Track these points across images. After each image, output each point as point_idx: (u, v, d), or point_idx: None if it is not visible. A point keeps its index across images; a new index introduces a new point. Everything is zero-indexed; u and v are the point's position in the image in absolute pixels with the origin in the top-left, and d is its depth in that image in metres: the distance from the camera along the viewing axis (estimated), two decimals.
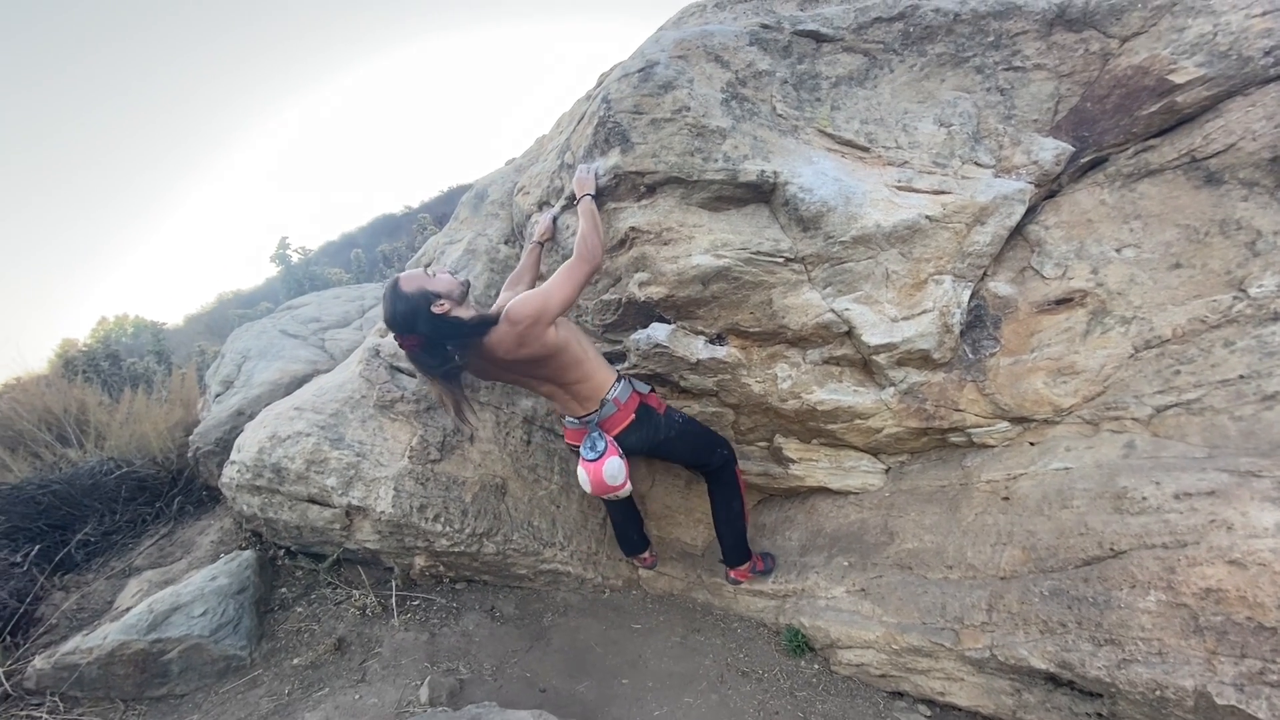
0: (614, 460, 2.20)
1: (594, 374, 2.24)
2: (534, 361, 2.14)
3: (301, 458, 2.59)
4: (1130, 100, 2.26)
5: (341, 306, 5.13)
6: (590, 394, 2.25)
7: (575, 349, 2.18)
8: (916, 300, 2.25)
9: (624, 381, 2.32)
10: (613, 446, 2.23)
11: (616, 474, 2.20)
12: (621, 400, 2.27)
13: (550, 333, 2.06)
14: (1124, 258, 2.26)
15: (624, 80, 2.24)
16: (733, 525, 2.60)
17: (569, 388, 2.25)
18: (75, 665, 2.28)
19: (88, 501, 3.30)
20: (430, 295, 1.98)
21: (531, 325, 2.01)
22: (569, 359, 2.17)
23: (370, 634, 2.53)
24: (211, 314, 11.65)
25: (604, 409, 2.25)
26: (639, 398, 2.34)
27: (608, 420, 2.27)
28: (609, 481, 2.20)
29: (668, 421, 2.37)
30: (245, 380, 3.87)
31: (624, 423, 2.27)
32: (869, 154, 2.32)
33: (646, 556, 2.92)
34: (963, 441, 2.43)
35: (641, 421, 2.30)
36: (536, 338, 2.04)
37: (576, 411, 2.30)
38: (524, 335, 2.02)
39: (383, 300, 2.05)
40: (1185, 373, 2.10)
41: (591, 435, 2.25)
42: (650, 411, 2.34)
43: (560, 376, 2.22)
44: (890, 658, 2.28)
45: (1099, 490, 2.00)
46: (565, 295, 2.05)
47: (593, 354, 2.28)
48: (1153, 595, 1.75)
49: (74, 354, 6.59)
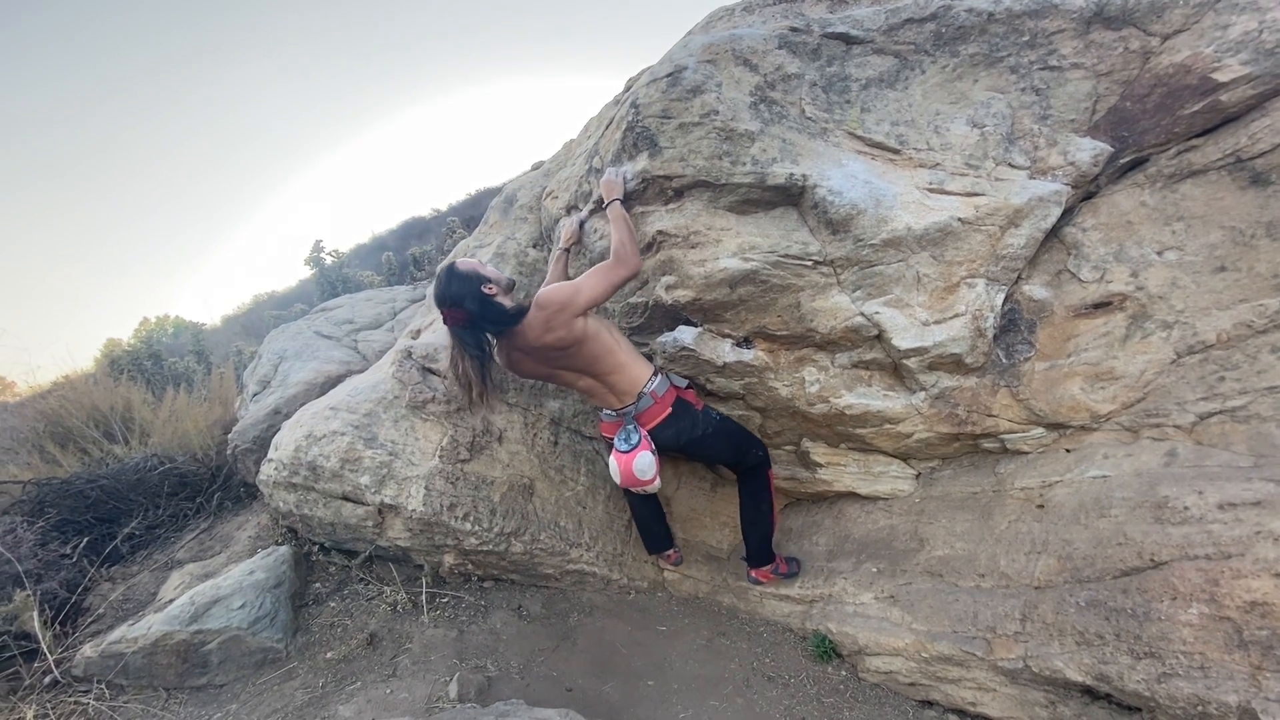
0: (645, 455, 2.25)
1: (629, 366, 2.29)
2: (562, 350, 2.20)
3: (336, 456, 2.66)
4: (1172, 99, 2.20)
5: (373, 308, 5.23)
6: (626, 387, 2.30)
7: (606, 339, 2.24)
8: (948, 304, 2.22)
9: (662, 376, 2.36)
10: (646, 441, 2.27)
11: (646, 469, 2.25)
12: (659, 394, 2.32)
13: (578, 322, 2.15)
14: (1166, 260, 2.20)
15: (652, 85, 2.25)
16: (759, 526, 2.59)
17: (604, 379, 2.30)
18: (121, 654, 2.36)
19: (133, 496, 3.43)
20: (482, 277, 2.19)
21: (558, 311, 2.12)
22: (599, 349, 2.22)
23: (401, 630, 2.58)
24: (248, 315, 11.97)
25: (640, 402, 2.30)
26: (676, 392, 2.38)
27: (644, 413, 2.31)
28: (639, 475, 2.25)
29: (705, 418, 2.39)
30: (281, 380, 3.98)
31: (660, 416, 2.31)
32: (900, 156, 2.29)
33: (671, 554, 2.92)
34: (996, 448, 2.39)
35: (678, 416, 2.33)
36: (563, 324, 2.14)
37: (613, 404, 2.35)
38: (550, 320, 2.13)
39: (436, 279, 2.23)
40: (1230, 379, 2.04)
41: (626, 428, 2.30)
42: (687, 406, 2.37)
43: (593, 367, 2.26)
44: (920, 666, 2.25)
45: (1139, 499, 1.95)
46: (596, 293, 2.14)
47: (627, 347, 2.32)
48: (1195, 608, 1.70)
49: (119, 353, 6.86)
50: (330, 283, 8.10)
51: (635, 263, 2.19)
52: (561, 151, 3.56)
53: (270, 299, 13.00)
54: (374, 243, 13.14)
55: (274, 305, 11.01)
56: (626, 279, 2.19)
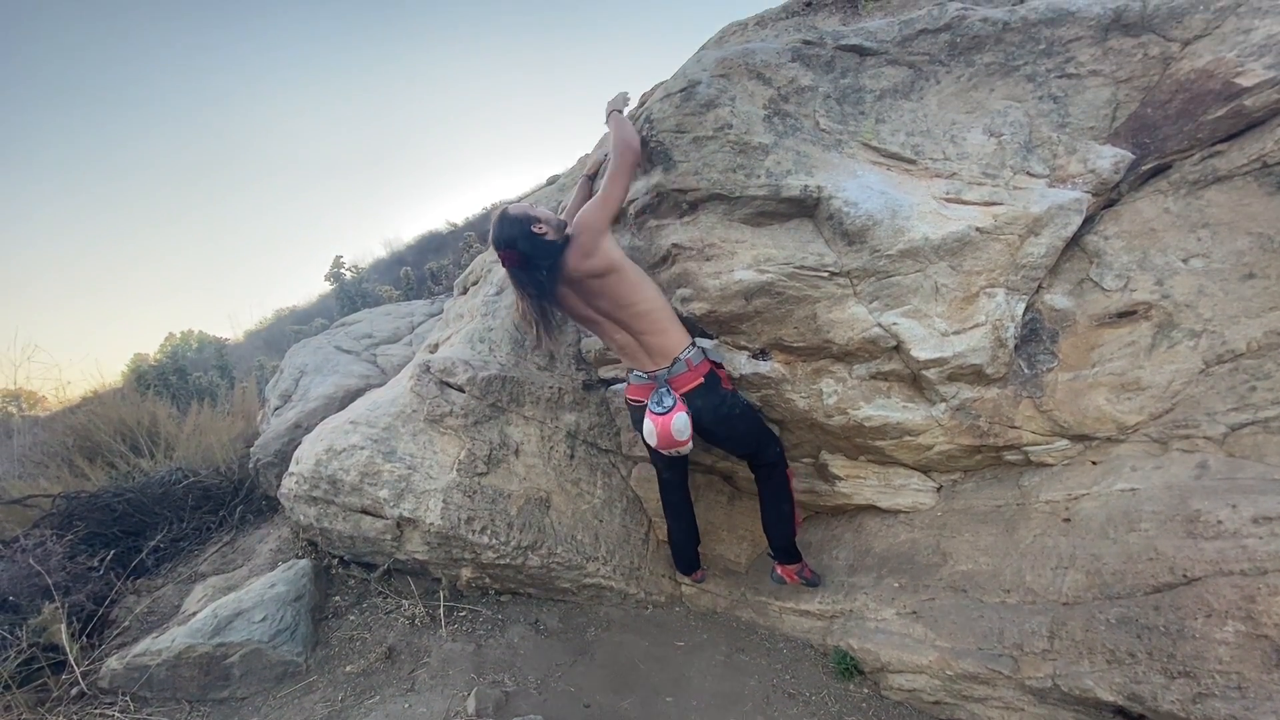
0: (681, 415, 2.24)
1: (668, 328, 2.30)
2: (597, 278, 2.24)
3: (356, 470, 2.69)
4: (1194, 105, 2.17)
5: (392, 323, 5.30)
6: (662, 349, 2.31)
7: (638, 281, 2.27)
8: (968, 314, 2.19)
9: (697, 347, 2.37)
10: (680, 403, 2.26)
11: (684, 429, 2.24)
12: (694, 362, 2.31)
13: (605, 243, 2.21)
14: (1191, 268, 2.16)
15: (666, 100, 2.27)
16: (782, 526, 2.57)
17: (640, 337, 2.32)
18: (145, 666, 2.39)
19: (158, 509, 3.49)
20: (531, 218, 2.24)
21: (584, 231, 2.20)
22: (629, 286, 2.25)
23: (419, 644, 2.58)
24: (270, 330, 12.19)
25: (675, 366, 2.30)
26: (710, 364, 2.37)
27: (677, 378, 2.31)
28: (676, 436, 2.24)
29: (733, 398, 2.40)
30: (302, 394, 4.04)
31: (692, 383, 2.30)
32: (915, 166, 2.28)
33: (698, 574, 2.95)
34: (1019, 460, 2.34)
35: (708, 389, 2.32)
36: (592, 245, 2.20)
37: (646, 365, 2.35)
38: (582, 245, 2.20)
39: (492, 226, 2.29)
40: (1262, 389, 1.98)
41: (660, 390, 2.29)
42: (718, 381, 2.37)
43: (629, 316, 2.29)
44: (944, 684, 2.20)
45: (1169, 513, 1.90)
46: (610, 199, 2.23)
47: (666, 308, 2.33)
48: (1230, 625, 1.65)
49: (145, 369, 7.00)
50: (350, 298, 8.22)
51: (634, 145, 2.27)
52: (576, 166, 3.60)
53: (291, 314, 13.22)
54: (392, 258, 13.32)
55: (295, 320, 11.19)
56: (633, 163, 2.28)
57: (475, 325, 3.20)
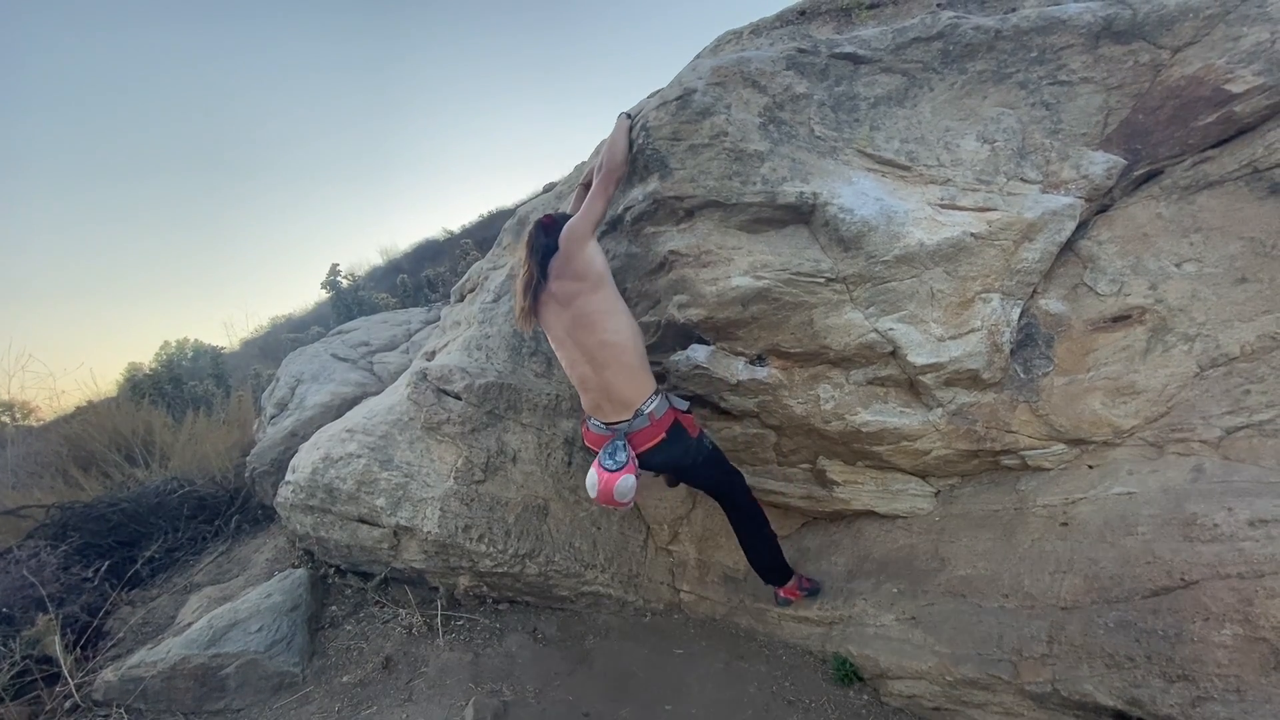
0: (629, 479, 2.11)
1: (634, 372, 2.19)
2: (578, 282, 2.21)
3: (353, 479, 2.68)
4: (1185, 111, 2.19)
5: (389, 330, 5.30)
6: (623, 398, 2.19)
7: (616, 307, 2.22)
8: (964, 319, 2.20)
9: (662, 396, 2.26)
10: (632, 464, 2.15)
11: (626, 492, 2.11)
12: (656, 415, 2.20)
13: (590, 248, 2.21)
14: (1185, 273, 2.18)
15: (662, 109, 2.28)
16: (763, 545, 2.52)
17: (603, 373, 2.19)
18: (140, 678, 2.38)
19: (153, 519, 3.47)
20: None
21: (568, 239, 2.24)
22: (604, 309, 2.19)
23: (416, 653, 2.57)
24: (265, 337, 12.14)
25: (635, 421, 2.19)
26: (674, 415, 2.27)
27: (637, 434, 2.19)
28: (617, 497, 2.12)
29: (698, 446, 2.30)
30: (298, 403, 4.03)
31: (652, 441, 2.20)
32: (910, 172, 2.30)
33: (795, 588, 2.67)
34: (1016, 464, 2.35)
35: (670, 443, 2.22)
36: (577, 251, 2.21)
37: (607, 415, 2.23)
38: (565, 251, 2.24)
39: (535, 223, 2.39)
40: (1256, 392, 1.99)
41: (615, 443, 2.18)
42: (681, 433, 2.26)
43: (597, 352, 2.18)
44: (944, 690, 2.20)
45: (1166, 516, 1.90)
46: (592, 207, 2.26)
47: (636, 349, 2.22)
48: (1228, 628, 1.65)
49: (140, 377, 6.97)
50: (346, 305, 8.20)
51: (620, 163, 2.33)
52: (573, 174, 3.60)
53: (288, 322, 13.18)
54: (389, 265, 13.31)
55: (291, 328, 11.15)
56: (615, 177, 2.33)
57: (472, 332, 3.20)
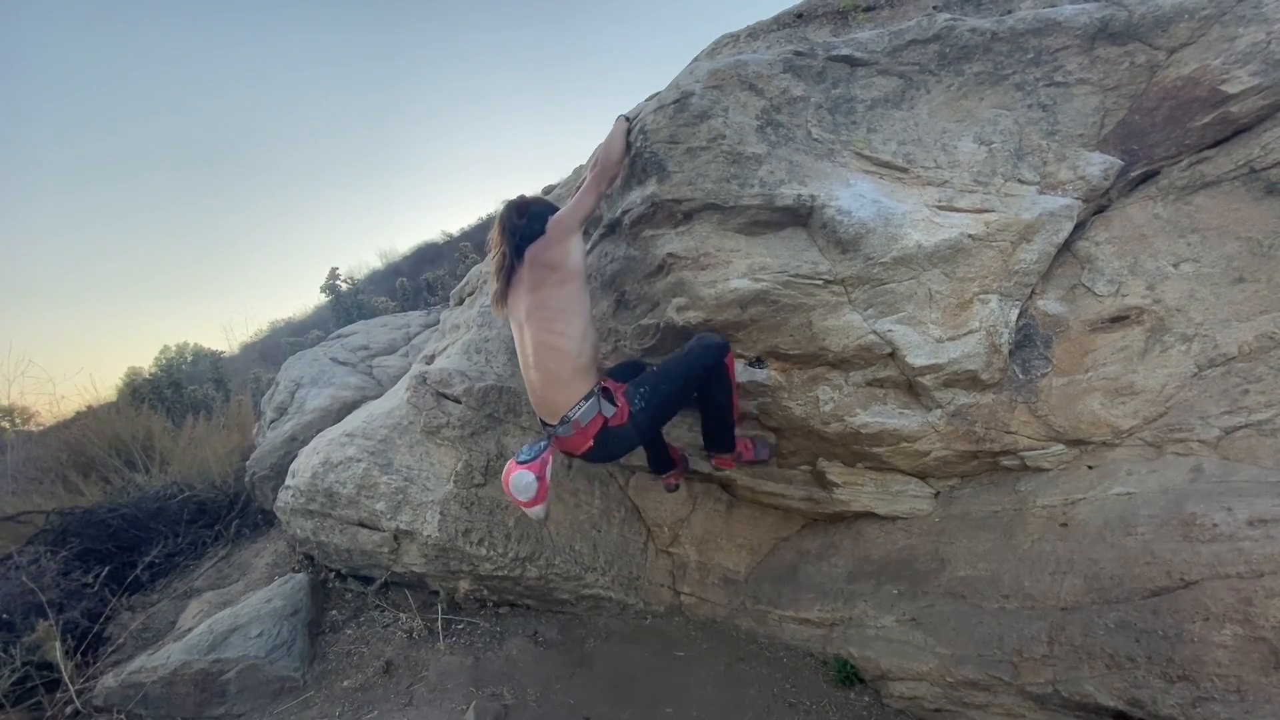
0: (525, 475, 2.06)
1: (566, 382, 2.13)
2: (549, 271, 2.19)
3: (352, 483, 2.68)
4: (1181, 112, 2.20)
5: (388, 334, 5.30)
6: (553, 404, 2.14)
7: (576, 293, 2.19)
8: (962, 320, 2.21)
9: (593, 400, 2.13)
10: (541, 464, 2.09)
11: (522, 489, 2.07)
12: (582, 424, 2.11)
13: (573, 241, 2.23)
14: (1182, 273, 2.18)
15: (660, 112, 2.29)
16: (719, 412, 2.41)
17: (538, 376, 2.16)
18: (140, 684, 2.37)
19: (153, 524, 3.47)
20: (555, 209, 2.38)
21: (554, 228, 2.25)
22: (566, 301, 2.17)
23: (417, 657, 2.56)
24: (265, 341, 12.15)
25: (560, 428, 2.13)
26: (601, 421, 2.14)
27: (564, 440, 2.16)
28: (512, 489, 2.08)
29: (632, 427, 2.17)
30: (298, 407, 4.03)
31: (581, 448, 2.16)
32: (908, 174, 2.30)
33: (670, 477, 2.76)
34: (1016, 465, 2.35)
35: (601, 445, 2.16)
36: (559, 240, 2.22)
37: (542, 414, 2.22)
38: (549, 237, 2.24)
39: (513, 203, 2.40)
40: (1254, 392, 2.00)
41: (540, 442, 2.15)
42: (610, 434, 2.15)
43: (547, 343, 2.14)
44: (945, 691, 2.20)
45: (1165, 516, 1.90)
46: (582, 202, 2.29)
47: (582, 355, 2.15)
48: (1228, 628, 1.65)
49: (140, 382, 6.97)
50: (345, 309, 8.20)
51: (615, 163, 2.38)
52: (571, 176, 3.61)
53: (287, 326, 13.19)
54: (388, 269, 13.32)
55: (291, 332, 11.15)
56: (609, 176, 2.37)
57: (471, 336, 3.20)
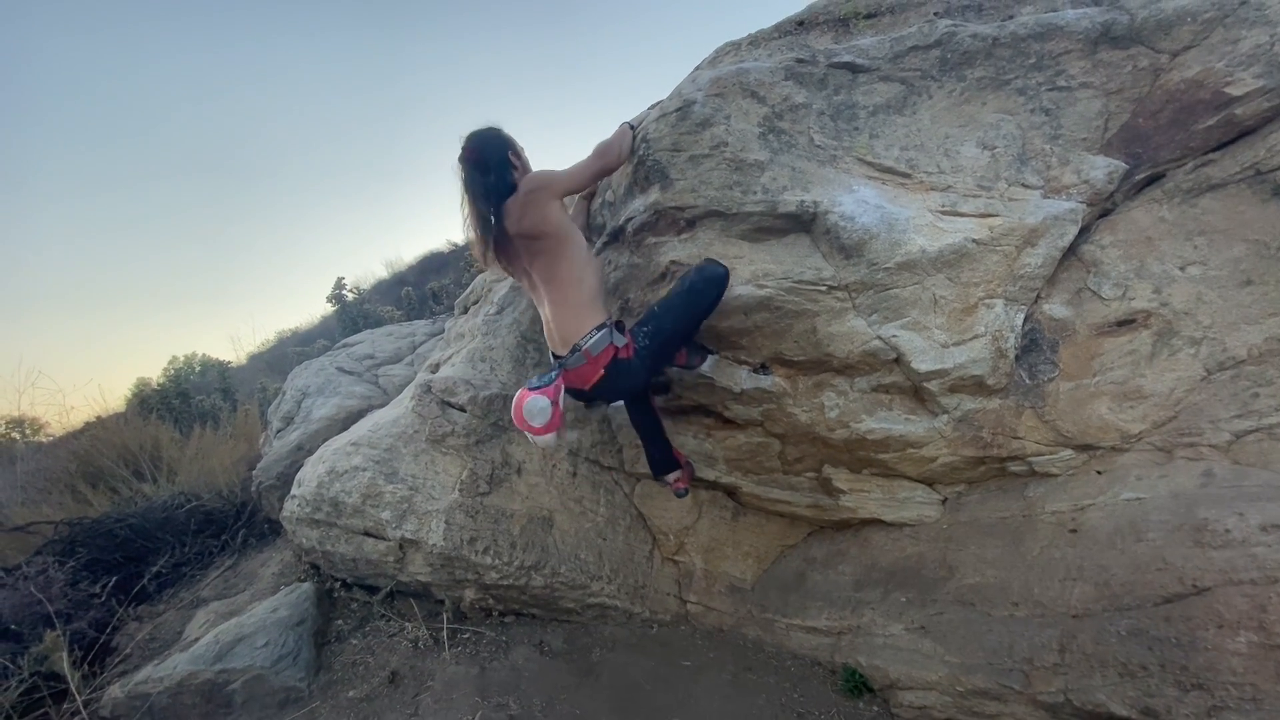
0: (540, 399, 2.08)
1: (578, 310, 2.16)
2: (535, 239, 2.16)
3: (358, 492, 2.68)
4: (1185, 115, 2.19)
5: (394, 343, 5.32)
6: (566, 333, 2.18)
7: (578, 257, 2.17)
8: (967, 325, 2.20)
9: (605, 330, 2.16)
10: (554, 389, 2.12)
11: (535, 414, 2.08)
12: (594, 353, 2.13)
13: (553, 208, 2.16)
14: (1189, 276, 2.17)
15: (662, 120, 2.30)
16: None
17: (556, 307, 2.19)
18: (147, 695, 2.37)
19: (161, 535, 3.48)
20: (515, 147, 2.29)
21: (534, 190, 2.15)
22: (565, 259, 2.15)
23: (422, 667, 2.55)
24: (272, 351, 12.20)
25: (572, 358, 2.16)
26: (613, 351, 2.16)
27: (575, 371, 2.16)
28: (525, 415, 2.08)
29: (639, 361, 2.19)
30: (305, 416, 4.04)
31: (591, 379, 2.16)
32: (910, 180, 2.30)
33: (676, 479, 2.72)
34: (1023, 471, 2.33)
35: (611, 377, 2.17)
36: (537, 206, 2.14)
37: (556, 348, 2.26)
38: (526, 201, 2.15)
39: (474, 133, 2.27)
40: (1265, 395, 1.98)
41: (551, 373, 2.18)
42: (621, 366, 2.17)
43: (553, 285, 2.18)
44: (955, 700, 2.17)
45: (1176, 522, 1.88)
46: (573, 178, 2.24)
47: (587, 284, 2.19)
48: (1243, 636, 1.63)
49: (148, 393, 7.03)
50: (351, 318, 8.24)
51: (616, 158, 2.33)
52: None
53: (293, 335, 13.24)
54: (394, 278, 13.36)
55: (297, 341, 11.20)
56: (605, 169, 2.33)
57: (476, 344, 3.21)
